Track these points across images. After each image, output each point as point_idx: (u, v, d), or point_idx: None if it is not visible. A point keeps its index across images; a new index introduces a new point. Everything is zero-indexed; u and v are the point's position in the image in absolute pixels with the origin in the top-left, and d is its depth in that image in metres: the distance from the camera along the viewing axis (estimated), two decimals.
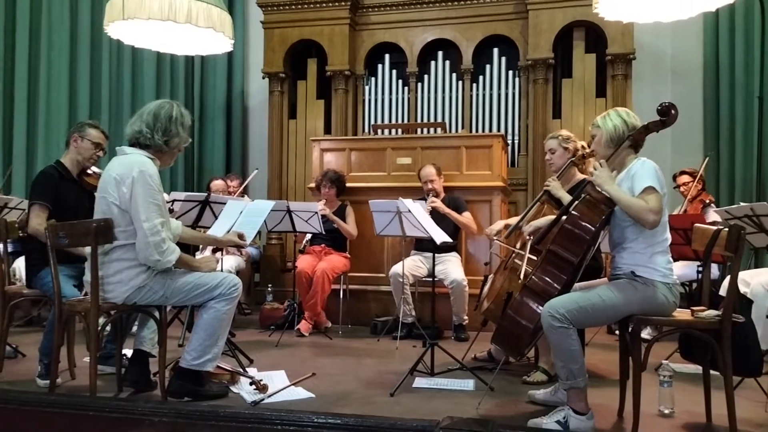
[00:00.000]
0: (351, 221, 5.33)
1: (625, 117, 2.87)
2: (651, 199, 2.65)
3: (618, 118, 2.86)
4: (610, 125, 2.86)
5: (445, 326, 4.96)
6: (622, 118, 2.86)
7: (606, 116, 2.91)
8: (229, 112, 7.67)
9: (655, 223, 2.63)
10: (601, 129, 2.89)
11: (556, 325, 2.63)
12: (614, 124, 2.85)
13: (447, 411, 2.95)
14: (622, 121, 2.85)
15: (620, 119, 2.86)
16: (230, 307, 3.11)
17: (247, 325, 5.38)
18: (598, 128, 2.91)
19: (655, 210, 2.63)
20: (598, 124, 2.92)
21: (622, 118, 2.86)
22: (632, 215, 2.67)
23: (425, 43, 6.79)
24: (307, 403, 3.15)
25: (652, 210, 2.62)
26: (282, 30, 6.93)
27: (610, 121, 2.87)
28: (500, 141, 5.49)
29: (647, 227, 2.66)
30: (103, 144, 3.74)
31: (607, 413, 3.00)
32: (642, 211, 2.63)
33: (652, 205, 2.63)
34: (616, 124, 2.85)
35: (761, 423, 2.89)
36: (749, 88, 6.16)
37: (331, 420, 1.95)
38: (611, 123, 2.86)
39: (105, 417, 2.21)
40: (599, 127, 2.90)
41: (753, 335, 2.76)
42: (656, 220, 2.63)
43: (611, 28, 6.03)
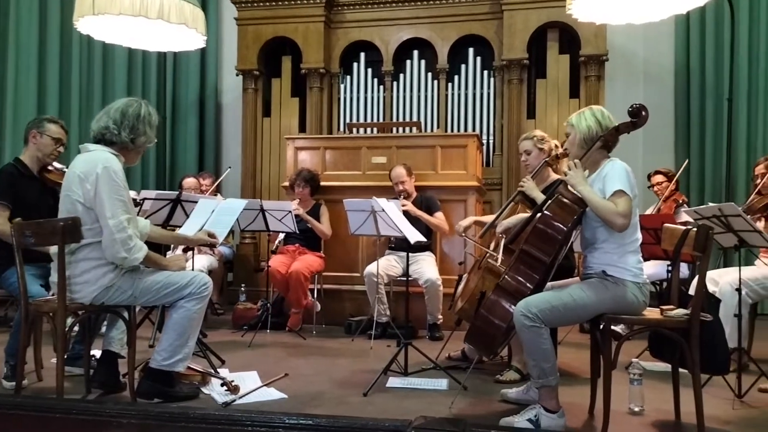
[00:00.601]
0: (325, 221, 5.30)
1: (599, 118, 2.87)
2: (621, 202, 2.67)
3: (592, 119, 2.87)
4: (583, 126, 2.87)
5: (419, 325, 4.96)
6: (596, 119, 2.87)
7: (581, 115, 2.92)
8: (202, 110, 7.58)
9: (624, 226, 2.66)
10: (575, 128, 2.90)
11: (528, 324, 2.64)
12: (588, 125, 2.87)
13: (420, 410, 2.95)
14: (596, 121, 2.86)
15: (594, 120, 2.87)
16: (201, 306, 3.07)
17: (219, 326, 5.33)
18: (573, 127, 2.92)
19: (624, 214, 2.65)
20: (572, 122, 2.93)
21: (596, 118, 2.87)
22: (601, 217, 2.69)
23: (401, 42, 6.78)
24: (280, 404, 3.13)
25: (621, 214, 2.65)
26: (256, 27, 6.87)
27: (584, 121, 2.88)
28: (475, 141, 5.51)
29: (615, 230, 2.68)
30: (63, 139, 3.66)
31: (579, 411, 3.02)
32: (611, 214, 2.65)
33: (621, 208, 2.66)
34: (590, 125, 2.86)
35: (729, 420, 2.94)
36: (719, 89, 6.27)
37: (303, 421, 1.93)
38: (585, 124, 2.87)
39: (72, 419, 2.16)
40: (573, 126, 2.91)
41: (721, 334, 2.80)
42: (625, 223, 2.65)
43: (584, 30, 6.09)
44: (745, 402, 3.20)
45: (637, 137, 6.48)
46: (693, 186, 6.45)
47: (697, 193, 6.39)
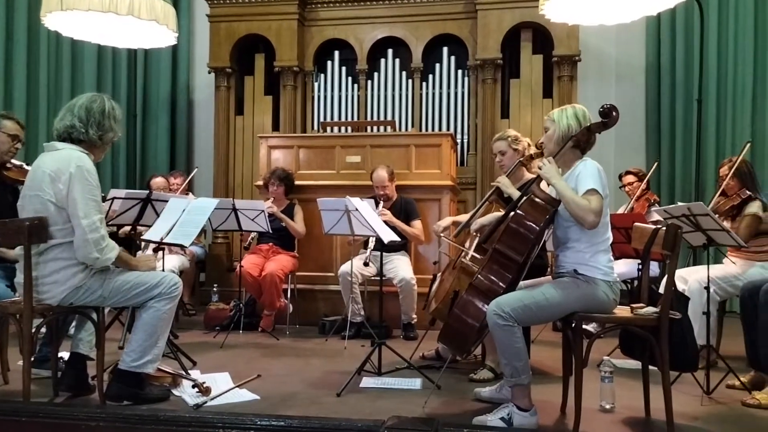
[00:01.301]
0: (299, 220, 5.27)
1: (580, 118, 2.87)
2: (593, 200, 2.69)
3: (573, 118, 2.87)
4: (564, 124, 2.87)
5: (394, 325, 4.96)
6: (577, 119, 2.87)
7: (563, 112, 2.91)
8: (173, 107, 7.49)
9: (594, 224, 2.68)
10: (555, 124, 2.90)
11: (501, 323, 2.65)
12: (568, 123, 2.87)
13: (393, 410, 2.94)
14: (576, 121, 2.86)
15: (575, 119, 2.87)
16: (171, 306, 3.04)
17: (191, 327, 5.26)
18: (553, 122, 2.91)
19: (596, 211, 2.67)
20: (554, 118, 2.91)
21: (578, 118, 2.87)
22: (574, 213, 2.70)
23: (375, 40, 6.78)
24: (252, 405, 3.09)
25: (593, 211, 2.67)
26: (228, 24, 6.81)
27: (566, 119, 2.87)
28: (449, 140, 5.52)
29: (585, 227, 2.70)
30: (20, 135, 3.59)
31: (551, 409, 3.04)
32: (584, 210, 2.67)
33: (593, 206, 2.68)
34: (570, 124, 2.86)
35: (697, 416, 2.98)
36: (689, 91, 6.37)
37: (275, 422, 1.92)
38: (566, 122, 2.87)
39: (39, 423, 2.12)
40: (554, 121, 2.90)
41: (689, 331, 2.84)
42: (596, 221, 2.67)
43: (557, 30, 6.14)
44: (713, 398, 3.25)
45: (609, 137, 6.55)
46: (663, 186, 6.55)
47: (667, 193, 6.49)
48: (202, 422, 1.90)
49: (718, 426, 2.86)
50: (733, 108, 6.28)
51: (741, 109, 6.23)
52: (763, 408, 3.06)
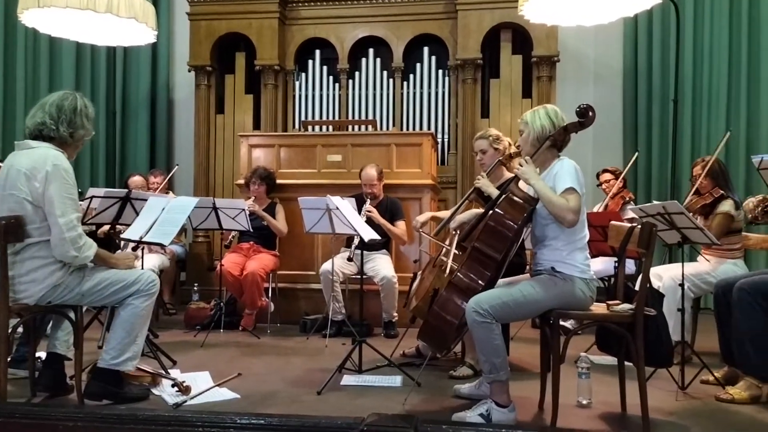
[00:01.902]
0: (281, 219, 5.27)
1: (553, 118, 2.92)
2: (571, 199, 2.74)
3: (546, 119, 2.91)
4: (538, 125, 2.91)
5: (375, 323, 4.97)
6: (550, 119, 2.91)
7: (535, 113, 2.95)
8: (153, 106, 7.42)
9: (573, 222, 2.72)
10: (529, 126, 2.94)
11: (479, 320, 2.68)
12: (542, 124, 2.91)
13: (373, 408, 2.95)
14: (549, 122, 2.91)
15: (548, 119, 2.91)
16: (149, 304, 3.04)
17: (171, 326, 5.24)
18: (527, 125, 2.95)
19: (575, 210, 2.71)
20: (527, 120, 2.96)
21: (551, 118, 2.91)
22: (553, 212, 2.74)
23: (356, 39, 6.78)
24: (232, 404, 3.10)
25: (572, 209, 2.71)
26: (209, 22, 6.77)
27: (539, 120, 2.92)
28: (430, 139, 5.55)
29: (565, 225, 2.74)
30: None
31: (529, 405, 3.08)
32: (563, 209, 2.71)
33: (572, 204, 2.72)
34: (544, 124, 2.90)
35: (672, 411, 3.04)
36: (665, 91, 6.46)
37: (255, 420, 1.92)
38: (539, 123, 2.91)
39: (15, 423, 2.10)
40: (528, 123, 2.94)
41: (664, 328, 2.89)
42: (574, 219, 2.71)
43: (536, 31, 6.19)
44: (688, 393, 3.31)
45: (587, 137, 6.62)
46: (640, 184, 6.63)
47: (643, 192, 6.57)
48: (182, 421, 1.90)
49: (693, 420, 2.92)
50: (708, 108, 6.37)
51: (716, 109, 6.33)
52: (736, 403, 3.12)
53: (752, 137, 6.22)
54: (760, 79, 6.19)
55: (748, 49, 6.24)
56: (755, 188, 5.58)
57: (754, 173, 4.81)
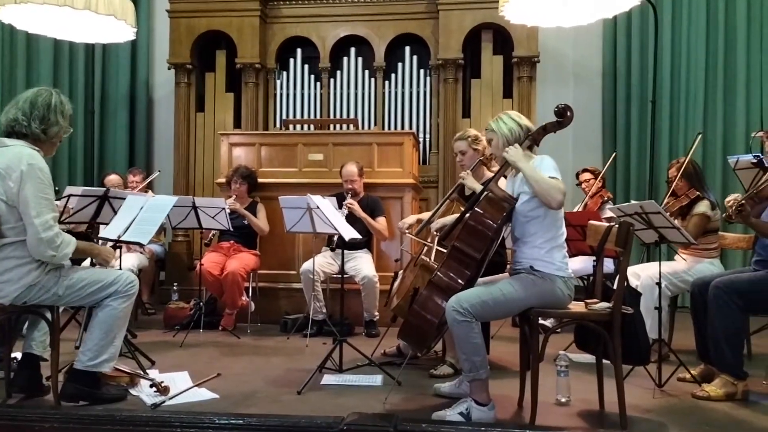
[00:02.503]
0: (262, 217, 5.25)
1: (518, 120, 2.98)
2: (558, 181, 2.76)
3: (512, 122, 2.97)
4: (505, 129, 2.96)
5: (356, 323, 4.97)
6: (515, 122, 2.97)
7: (498, 121, 3.00)
8: (132, 104, 7.35)
9: (561, 203, 2.73)
10: (496, 133, 2.98)
11: (459, 319, 2.69)
12: (510, 128, 2.96)
13: (354, 407, 2.94)
14: (516, 124, 2.96)
15: (514, 123, 2.97)
16: (127, 305, 3.01)
17: (150, 326, 5.19)
18: (494, 132, 3.00)
19: (563, 190, 2.74)
20: (492, 128, 3.02)
21: (516, 121, 2.97)
22: (541, 192, 2.73)
23: (338, 38, 6.78)
24: (211, 405, 3.07)
25: (561, 190, 2.73)
26: (189, 20, 6.72)
27: (505, 125, 2.97)
28: (411, 138, 5.55)
29: (553, 206, 2.74)
30: None
31: (508, 403, 3.10)
32: (552, 188, 2.72)
33: (560, 185, 2.74)
34: (512, 128, 2.95)
35: (649, 408, 3.07)
36: (643, 92, 6.53)
37: (234, 420, 1.92)
38: (506, 127, 2.96)
39: None
40: (494, 131, 3.00)
41: (641, 326, 2.92)
42: (562, 200, 2.73)
43: (517, 32, 6.23)
44: (665, 391, 3.35)
45: (567, 137, 6.68)
46: (619, 184, 6.70)
47: (622, 192, 6.64)
48: (160, 422, 1.89)
49: (669, 417, 2.95)
50: (685, 109, 6.46)
51: (693, 110, 6.41)
52: (712, 400, 3.16)
53: (729, 138, 6.32)
54: (737, 80, 6.29)
55: (724, 51, 6.34)
56: (732, 188, 5.67)
57: (731, 173, 4.88)
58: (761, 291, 3.20)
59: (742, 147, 6.02)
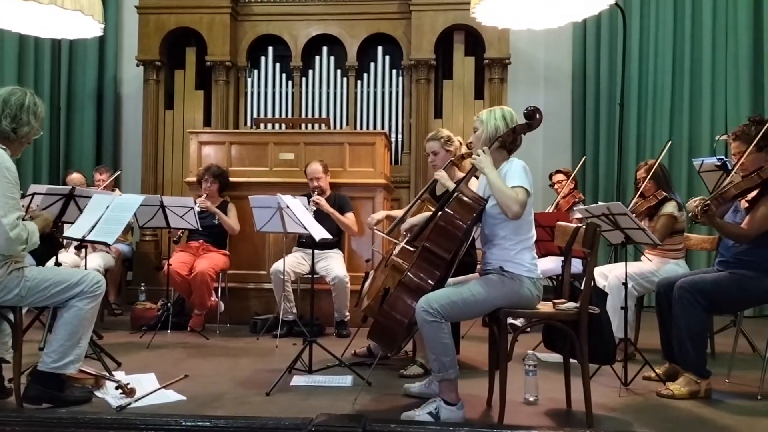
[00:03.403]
0: (233, 217, 5.20)
1: (508, 120, 2.96)
2: (519, 192, 2.78)
3: (501, 120, 2.95)
4: (492, 125, 2.95)
5: (327, 323, 4.95)
6: (505, 121, 2.95)
7: (491, 113, 2.98)
8: (100, 101, 7.22)
9: (518, 214, 2.75)
10: (484, 125, 2.97)
11: (429, 319, 2.70)
12: (496, 125, 2.95)
13: (323, 408, 2.94)
14: (504, 123, 2.95)
15: (503, 122, 2.95)
16: (93, 306, 2.96)
17: (116, 327, 5.10)
18: (482, 123, 2.98)
19: (522, 203, 2.75)
20: (482, 119, 2.99)
21: (505, 120, 2.95)
22: (501, 201, 2.76)
23: (310, 37, 6.75)
24: (178, 406, 3.03)
25: (519, 202, 2.74)
26: (158, 16, 6.64)
27: (494, 120, 2.95)
28: (383, 138, 5.55)
29: (509, 216, 2.76)
30: None
31: (477, 402, 3.12)
32: (510, 199, 2.74)
33: (520, 197, 2.76)
34: (498, 126, 2.94)
35: (615, 407, 3.12)
36: (612, 95, 6.62)
37: (200, 422, 1.89)
38: (494, 123, 2.95)
39: None
40: (483, 122, 2.98)
41: (608, 326, 2.96)
42: (520, 212, 2.75)
43: (489, 33, 6.28)
44: (630, 390, 3.40)
45: (537, 138, 6.76)
46: (588, 186, 6.79)
47: (591, 193, 6.73)
48: (125, 424, 1.86)
49: (634, 416, 3.00)
50: (653, 112, 6.57)
51: (660, 112, 6.53)
52: (676, 398, 3.22)
53: (694, 140, 6.45)
54: (702, 84, 6.42)
55: (690, 55, 6.47)
56: (697, 189, 5.79)
57: (696, 175, 4.98)
58: (724, 291, 3.27)
59: (707, 150, 6.14)
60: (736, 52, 6.33)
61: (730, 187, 3.30)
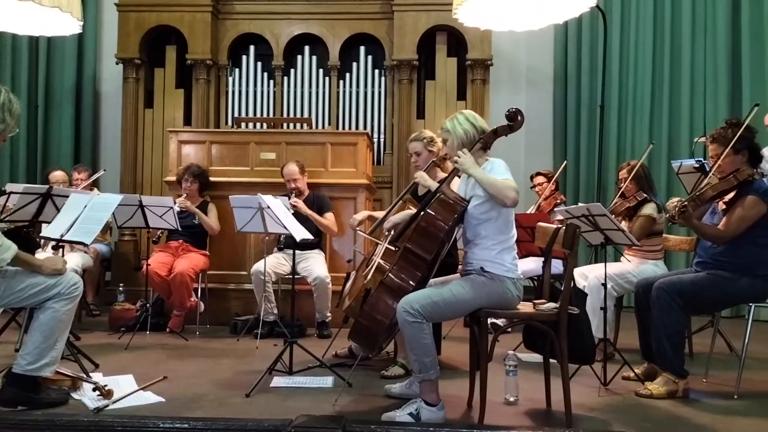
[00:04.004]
0: (213, 217, 5.15)
1: (473, 121, 3.00)
2: (510, 181, 2.79)
3: (467, 123, 2.99)
4: (460, 131, 2.98)
5: (309, 324, 4.93)
6: (470, 123, 2.99)
7: (454, 121, 3.02)
8: (78, 99, 7.13)
9: (515, 201, 2.76)
10: (451, 134, 3.00)
11: (410, 320, 2.70)
12: (465, 129, 2.97)
13: (303, 409, 2.93)
14: (471, 125, 2.98)
15: (469, 124, 2.99)
16: (70, 308, 2.91)
17: (94, 328, 5.04)
18: (448, 132, 3.02)
19: (516, 188, 2.76)
20: (447, 128, 3.03)
21: (471, 122, 2.99)
22: (495, 193, 2.75)
23: (291, 36, 6.73)
24: (156, 408, 2.99)
25: (514, 188, 2.76)
26: (138, 14, 6.57)
27: (460, 126, 2.99)
28: (365, 139, 5.54)
29: (508, 204, 2.76)
30: None
31: (458, 403, 3.12)
32: (505, 187, 2.74)
33: (513, 184, 2.77)
34: (467, 129, 2.97)
35: (594, 407, 3.14)
36: (593, 97, 6.68)
37: (179, 424, 1.87)
38: (461, 129, 2.98)
39: None
40: (449, 131, 3.01)
41: (587, 326, 2.98)
42: (516, 198, 2.75)
43: (471, 35, 6.30)
44: (610, 389, 3.42)
45: (519, 140, 6.79)
46: (569, 187, 6.84)
47: (572, 194, 6.78)
48: (102, 426, 1.84)
49: (613, 415, 3.02)
50: (633, 114, 6.63)
51: (640, 115, 6.59)
52: (654, 398, 3.25)
53: (674, 142, 6.52)
54: (681, 86, 6.49)
55: (670, 58, 6.54)
56: (676, 191, 5.84)
57: (675, 177, 5.03)
58: (702, 292, 3.31)
59: (686, 152, 6.21)
60: (714, 55, 6.40)
61: (708, 189, 3.34)
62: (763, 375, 3.72)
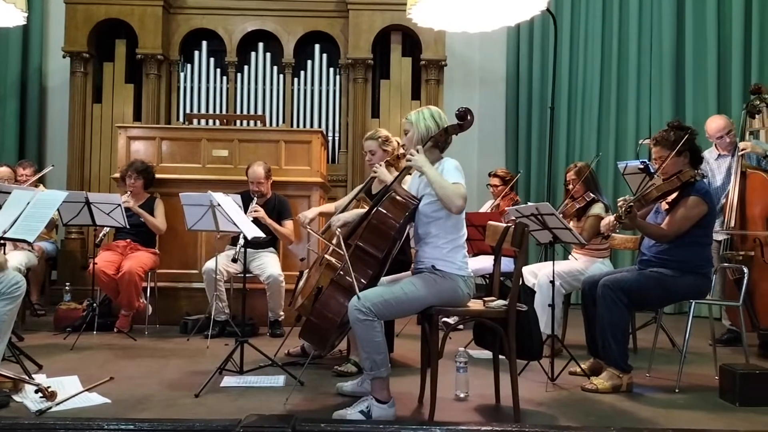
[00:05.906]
0: (159, 214, 5.04)
1: (437, 119, 3.00)
2: (460, 187, 2.82)
3: (431, 120, 2.99)
4: (422, 126, 2.99)
5: (261, 323, 4.89)
6: (434, 120, 2.99)
7: (420, 114, 3.02)
8: (23, 93, 6.91)
9: (461, 208, 2.79)
10: (414, 126, 3.01)
11: (361, 318, 2.70)
12: (427, 125, 2.98)
13: (254, 409, 2.90)
14: (434, 123, 2.99)
15: (433, 121, 2.99)
16: (12, 308, 2.83)
17: (39, 328, 4.90)
18: (412, 125, 3.02)
19: (464, 196, 2.79)
20: (411, 120, 3.03)
21: (435, 119, 3.00)
22: (444, 197, 2.78)
23: (245, 33, 6.67)
24: (102, 410, 2.92)
25: (462, 195, 2.78)
26: (86, 6, 6.41)
27: (424, 121, 2.99)
28: (319, 137, 5.53)
29: (453, 211, 2.80)
30: None
31: (409, 400, 3.14)
32: (454, 194, 2.77)
33: (462, 191, 2.80)
34: (429, 126, 2.98)
35: (542, 401, 3.20)
36: (543, 98, 6.81)
37: (124, 426, 1.84)
38: (424, 124, 2.99)
39: None
40: (413, 123, 3.01)
41: (535, 323, 3.04)
42: (463, 205, 2.79)
43: (425, 35, 6.35)
44: (557, 384, 3.50)
45: (472, 139, 6.87)
46: (520, 186, 6.95)
47: (523, 193, 6.90)
48: (44, 429, 1.79)
49: (560, 410, 3.09)
50: (581, 116, 6.80)
51: (589, 116, 6.76)
52: (599, 392, 3.34)
53: (620, 144, 6.70)
54: (628, 89, 6.68)
55: (617, 61, 6.72)
56: (622, 191, 6.00)
57: (621, 177, 5.17)
58: (645, 289, 3.41)
59: (632, 153, 6.39)
60: (660, 59, 6.60)
61: (652, 190, 3.46)
62: (703, 369, 3.85)
